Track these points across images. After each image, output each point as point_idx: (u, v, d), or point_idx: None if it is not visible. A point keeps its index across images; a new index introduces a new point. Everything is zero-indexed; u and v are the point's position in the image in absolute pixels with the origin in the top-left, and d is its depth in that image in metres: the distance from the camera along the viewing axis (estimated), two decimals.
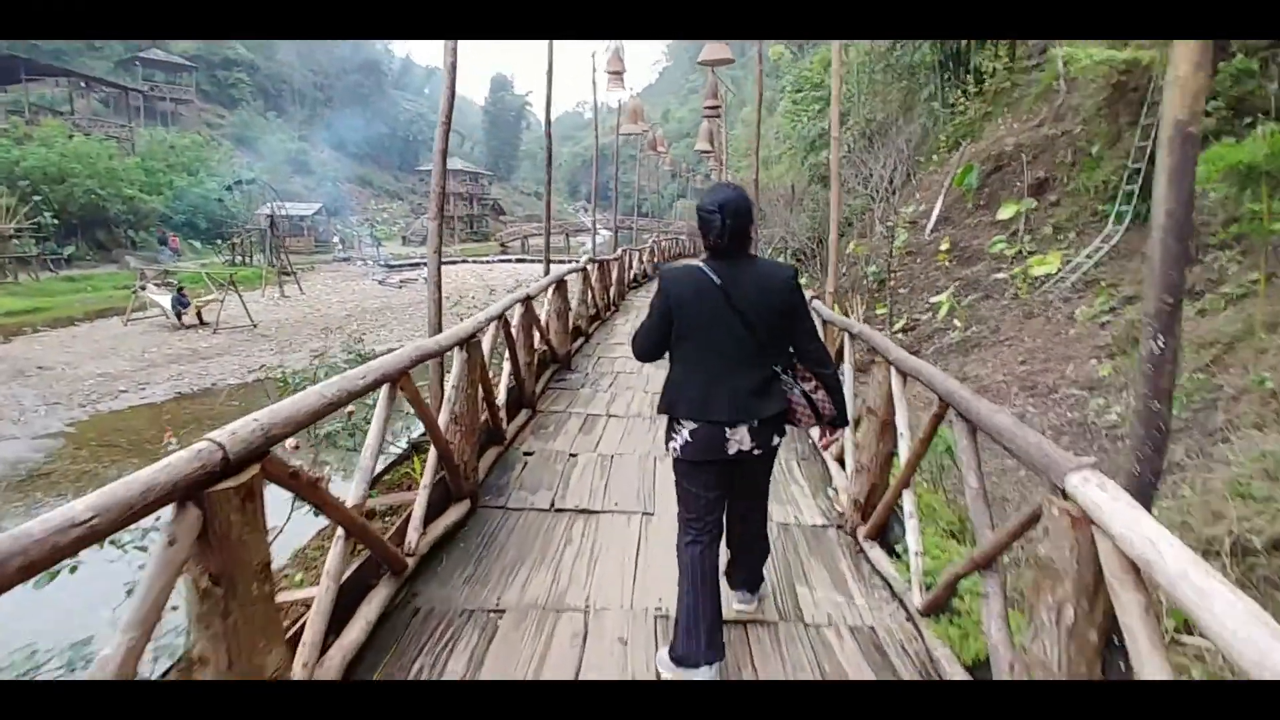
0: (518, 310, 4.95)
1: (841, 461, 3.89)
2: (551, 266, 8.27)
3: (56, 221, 26.14)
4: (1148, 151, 10.41)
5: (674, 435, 2.39)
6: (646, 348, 2.44)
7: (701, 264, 2.33)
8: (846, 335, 4.05)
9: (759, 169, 7.44)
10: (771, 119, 41.92)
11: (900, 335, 11.90)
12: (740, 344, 2.27)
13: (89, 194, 27.55)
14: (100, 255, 28.56)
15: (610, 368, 7.45)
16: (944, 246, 13.34)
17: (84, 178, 27.39)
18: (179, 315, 17.14)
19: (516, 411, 4.96)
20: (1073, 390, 8.07)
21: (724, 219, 2.26)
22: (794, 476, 4.15)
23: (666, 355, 2.42)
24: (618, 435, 4.96)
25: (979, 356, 10.15)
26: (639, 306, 12.62)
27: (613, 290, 11.46)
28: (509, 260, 41.43)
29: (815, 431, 4.41)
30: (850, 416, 3.42)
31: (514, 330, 4.79)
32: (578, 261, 9.72)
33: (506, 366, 4.85)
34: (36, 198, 24.33)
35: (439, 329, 3.32)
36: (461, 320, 5.07)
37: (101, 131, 33.63)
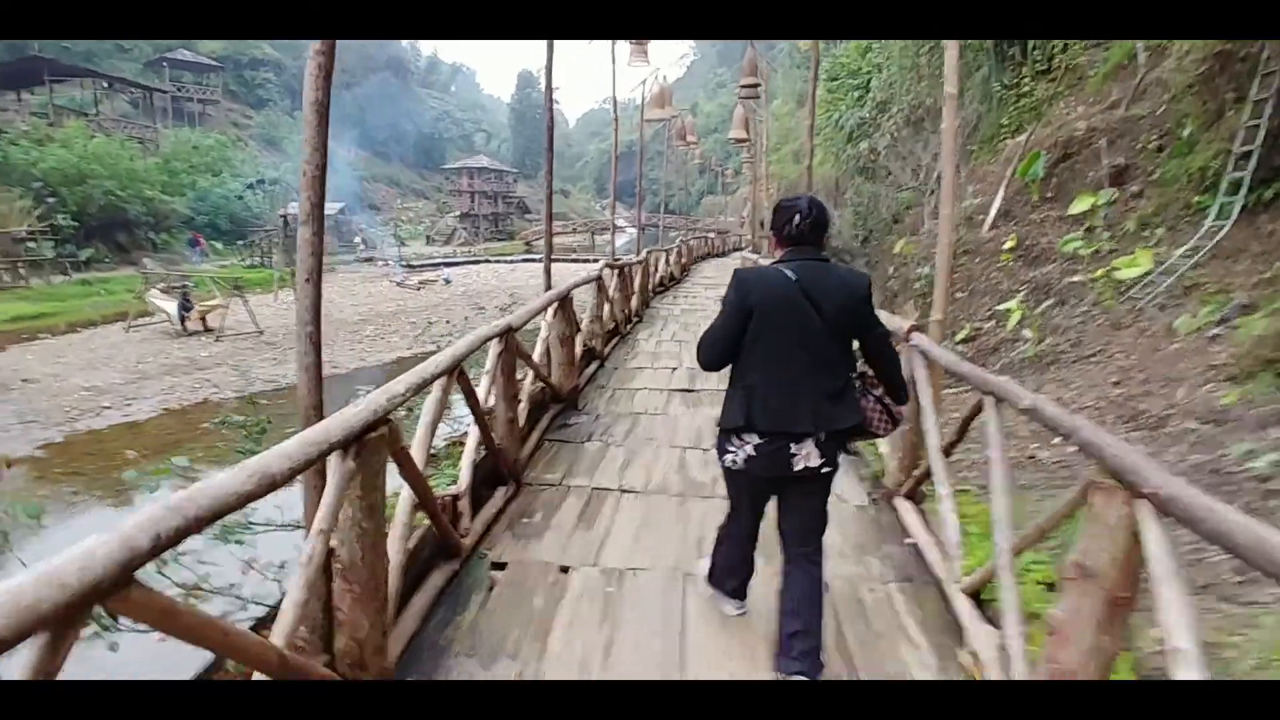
0: (493, 349, 3.52)
1: (977, 599, 2.48)
2: (573, 267, 7.03)
3: (75, 223, 25.76)
4: (1261, 131, 8.86)
5: (732, 448, 2.26)
6: (717, 353, 2.27)
7: (778, 264, 2.22)
8: (991, 403, 2.47)
9: (811, 156, 6.09)
10: (802, 111, 40.32)
11: (961, 347, 10.52)
12: (822, 348, 2.17)
13: (108, 195, 27.13)
14: (120, 258, 28.13)
15: (629, 405, 5.87)
16: (1008, 245, 11.89)
17: (103, 179, 26.96)
18: (183, 321, 16.36)
19: (490, 492, 3.58)
20: (1192, 424, 6.62)
21: (809, 206, 2.22)
22: (904, 626, 2.60)
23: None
24: (632, 529, 3.44)
25: (1059, 375, 8.74)
26: (665, 316, 11.30)
27: (635, 300, 10.10)
28: (533, 259, 40.43)
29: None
30: (1006, 545, 2.17)
31: (488, 379, 3.56)
32: (599, 265, 8.43)
33: (474, 434, 3.38)
34: (51, 199, 23.88)
35: (316, 412, 1.96)
36: (442, 346, 3.89)
37: (125, 133, 33.35)
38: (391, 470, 2.20)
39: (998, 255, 12.25)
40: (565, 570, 3.01)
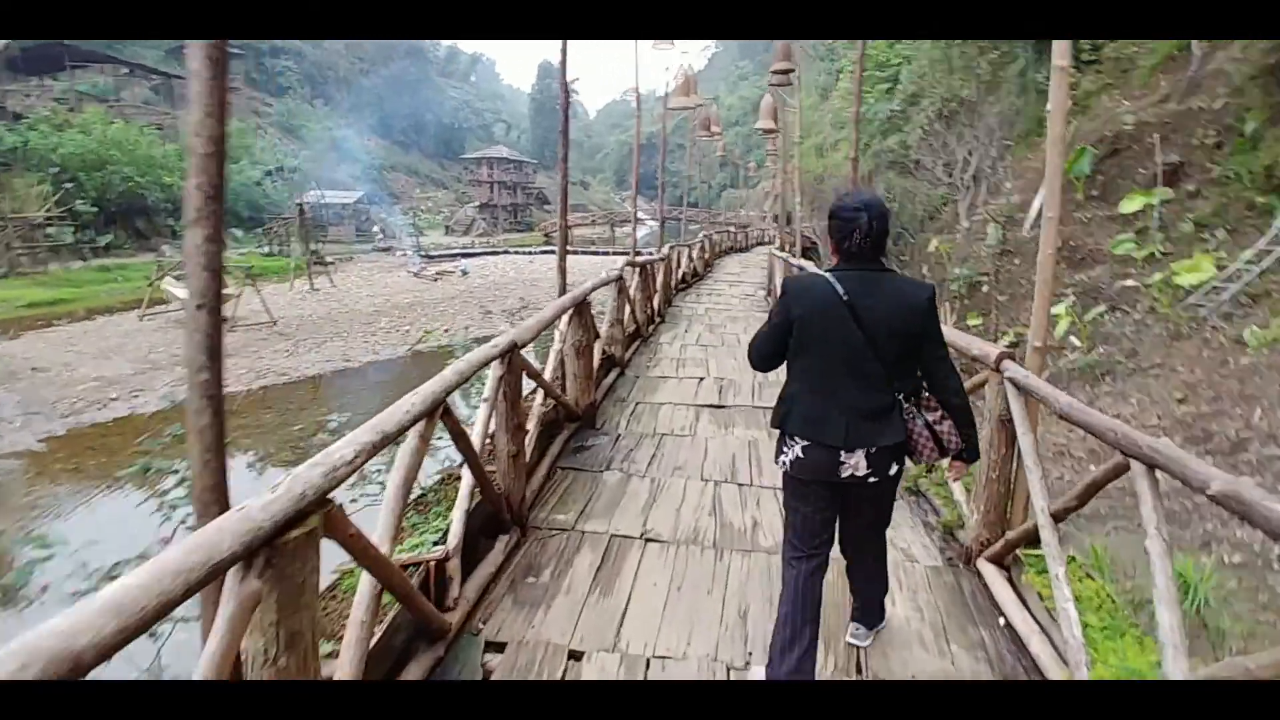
0: (494, 373, 2.93)
1: None
2: (593, 260, 6.49)
3: (95, 209, 25.73)
4: None
5: (785, 449, 2.26)
6: (762, 359, 2.33)
7: (830, 275, 2.15)
8: (1143, 473, 1.90)
9: (857, 148, 5.45)
10: (825, 104, 39.27)
11: None
12: (862, 365, 2.11)
13: (127, 181, 27.05)
14: (139, 244, 28.10)
15: (652, 423, 5.16)
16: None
17: (122, 165, 26.88)
18: None
19: (489, 543, 2.99)
20: (1274, 449, 6.03)
21: (870, 220, 2.09)
22: None
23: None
24: (659, 596, 2.82)
25: (1115, 388, 8.14)
26: (689, 316, 10.72)
27: (657, 298, 9.54)
28: (551, 251, 39.96)
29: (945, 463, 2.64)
30: (1042, 505, 2.00)
31: (487, 407, 2.98)
32: (620, 263, 7.84)
33: (467, 479, 2.77)
34: (69, 185, 23.80)
35: (216, 498, 1.41)
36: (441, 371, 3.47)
37: (145, 119, 33.28)
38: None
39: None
40: (576, 657, 2.41)
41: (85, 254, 24.41)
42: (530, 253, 38.21)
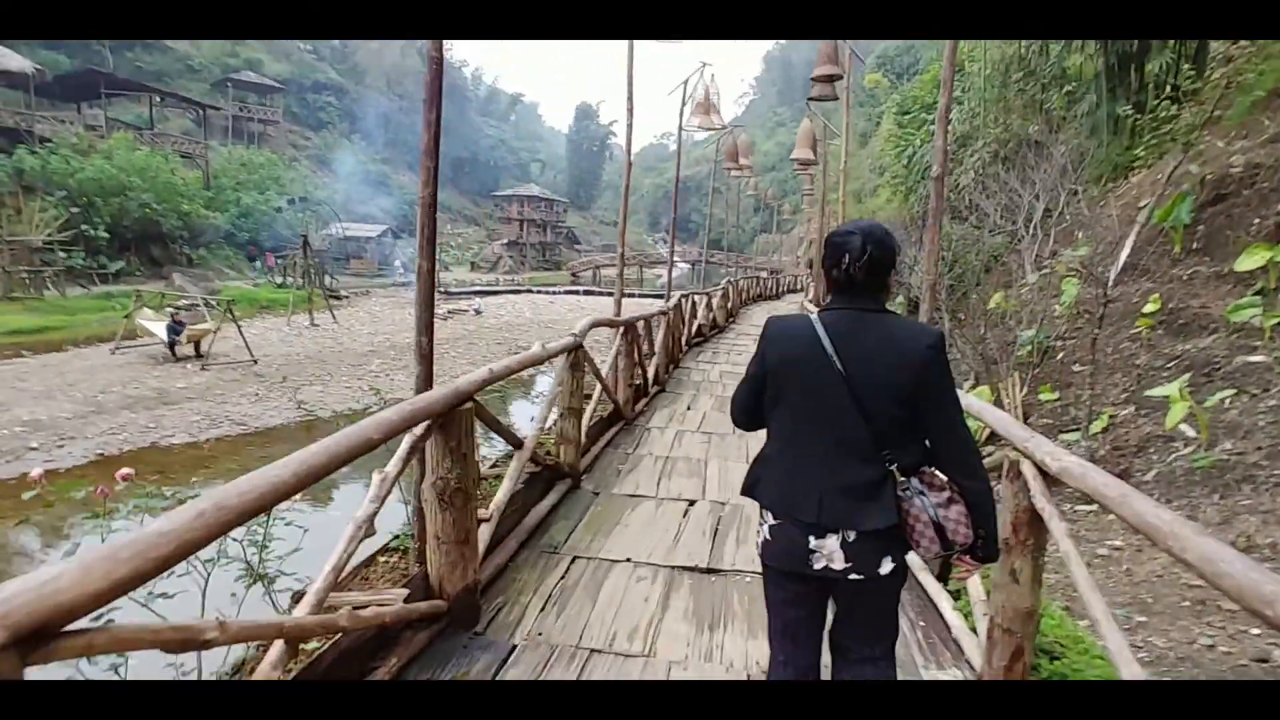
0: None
1: None
2: (571, 299, 4.73)
3: (108, 235, 25.18)
4: None
5: (759, 526, 1.90)
6: (738, 412, 1.96)
7: (815, 314, 1.79)
8: None
9: (945, 161, 3.62)
10: (864, 151, 37.74)
11: (1093, 442, 7.93)
12: (846, 427, 1.70)
13: (144, 208, 26.53)
14: (152, 271, 27.55)
15: (583, 615, 2.94)
16: (1147, 308, 9.24)
17: (140, 191, 26.39)
18: (172, 347, 14.85)
19: None
20: None
21: (863, 243, 1.71)
22: None
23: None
24: None
25: (1258, 501, 6.09)
26: (698, 382, 8.71)
27: (655, 362, 7.46)
28: (576, 292, 38.85)
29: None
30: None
31: None
32: (581, 324, 5.94)
33: None
34: (75, 210, 23.17)
35: None
36: None
37: (174, 148, 33.16)
38: None
39: (1129, 319, 9.65)
40: None
41: (93, 280, 23.75)
42: (554, 292, 37.08)
